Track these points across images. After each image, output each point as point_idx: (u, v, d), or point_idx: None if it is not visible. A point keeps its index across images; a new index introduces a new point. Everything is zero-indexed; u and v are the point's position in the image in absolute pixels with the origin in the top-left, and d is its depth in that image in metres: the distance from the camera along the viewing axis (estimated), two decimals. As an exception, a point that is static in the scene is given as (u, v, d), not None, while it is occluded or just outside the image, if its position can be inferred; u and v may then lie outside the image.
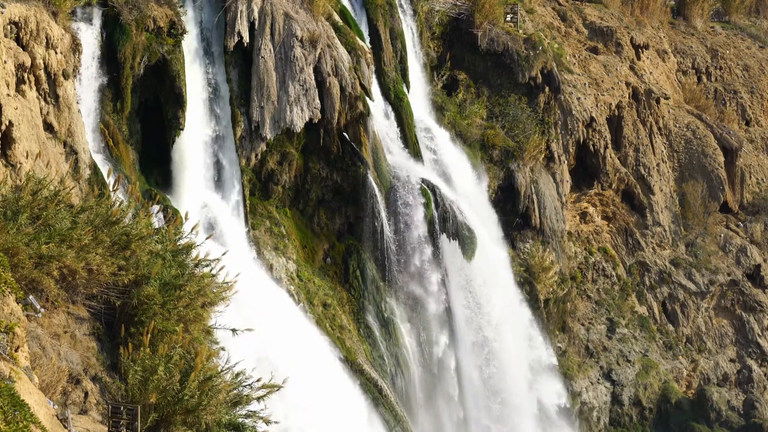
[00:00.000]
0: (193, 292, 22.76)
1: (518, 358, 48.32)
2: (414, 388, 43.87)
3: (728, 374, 58.21)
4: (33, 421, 15.51)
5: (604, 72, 58.47)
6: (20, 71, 30.70)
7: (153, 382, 19.99)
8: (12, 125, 28.71)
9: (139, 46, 36.83)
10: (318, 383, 36.15)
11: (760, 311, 59.99)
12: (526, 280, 50.22)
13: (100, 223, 22.65)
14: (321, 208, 43.55)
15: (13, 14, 30.60)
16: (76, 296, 22.34)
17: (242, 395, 21.80)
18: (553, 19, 61.06)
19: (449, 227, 44.78)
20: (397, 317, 43.82)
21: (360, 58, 43.18)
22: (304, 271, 41.95)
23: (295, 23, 41.07)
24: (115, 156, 36.39)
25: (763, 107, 69.00)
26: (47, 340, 20.92)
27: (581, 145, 55.90)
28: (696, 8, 70.55)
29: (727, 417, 55.93)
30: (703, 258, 59.59)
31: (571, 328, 53.96)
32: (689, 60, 67.71)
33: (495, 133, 50.67)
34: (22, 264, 20.57)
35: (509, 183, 50.59)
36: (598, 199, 57.56)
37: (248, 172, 40.80)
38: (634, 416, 54.37)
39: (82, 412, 20.13)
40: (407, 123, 46.36)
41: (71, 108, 32.95)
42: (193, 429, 20.36)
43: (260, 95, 40.38)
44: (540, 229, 51.49)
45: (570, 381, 52.31)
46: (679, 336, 57.86)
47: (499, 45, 51.94)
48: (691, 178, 61.31)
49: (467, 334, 46.10)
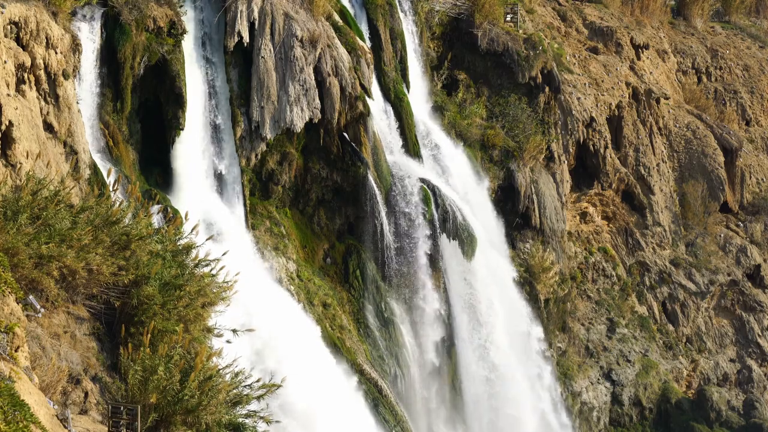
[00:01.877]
0: (193, 292, 22.75)
1: (518, 358, 48.30)
2: (414, 388, 43.87)
3: (728, 374, 58.21)
4: (33, 421, 15.51)
5: (604, 72, 58.47)
6: (20, 71, 30.71)
7: (153, 382, 19.99)
8: (12, 125, 28.72)
9: (139, 46, 36.83)
10: (318, 383, 36.16)
11: (760, 311, 59.99)
12: (526, 280, 50.21)
13: (100, 223, 22.65)
14: (321, 208, 43.55)
15: (13, 14, 30.61)
16: (76, 296, 22.34)
17: (242, 395, 21.80)
18: (553, 19, 61.06)
19: (449, 227, 44.78)
20: (397, 317, 43.82)
21: (360, 58, 43.18)
22: (304, 271, 41.95)
23: (295, 23, 41.07)
24: (115, 156, 36.39)
25: (763, 107, 69.00)
26: (47, 340, 20.92)
27: (581, 145, 55.90)
28: (696, 8, 70.56)
29: (727, 417, 55.93)
30: (703, 258, 59.59)
31: (571, 328, 53.96)
32: (689, 60, 67.72)
33: (495, 133, 50.67)
34: (22, 264, 20.57)
35: (509, 183, 50.59)
36: (598, 199, 57.56)
37: (248, 172, 40.79)
38: (634, 416, 54.37)
39: (82, 412, 20.14)
40: (407, 123, 46.36)
41: (71, 108, 32.96)
42: (193, 429, 20.36)
43: (260, 95, 40.38)
44: (540, 229, 51.49)
45: (570, 381, 52.30)
46: (679, 336, 57.87)
47: (499, 45, 51.93)
48: (691, 178, 61.31)
49: (467, 334, 46.09)
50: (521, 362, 48.47)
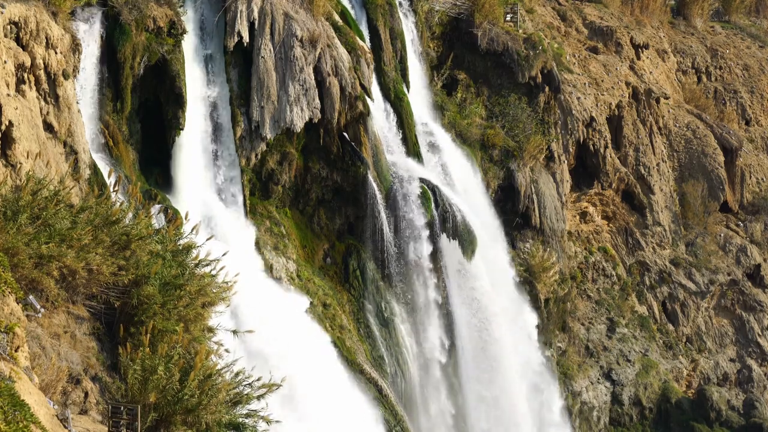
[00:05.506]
0: (193, 292, 22.76)
1: (518, 358, 48.29)
2: (414, 388, 43.87)
3: (728, 374, 58.21)
4: (33, 421, 15.51)
5: (604, 72, 58.47)
6: (20, 71, 30.71)
7: (153, 381, 19.99)
8: (12, 125, 28.72)
9: (139, 46, 36.83)
10: (317, 383, 36.16)
11: (760, 311, 59.99)
12: (526, 279, 50.21)
13: (100, 223, 22.66)
14: (321, 208, 43.55)
15: (13, 14, 30.61)
16: (76, 296, 22.34)
17: (242, 394, 21.79)
18: (553, 19, 61.05)
19: (449, 227, 44.77)
20: (397, 317, 43.82)
21: (360, 58, 43.17)
22: (304, 270, 41.94)
23: (295, 23, 41.07)
24: (115, 156, 36.39)
25: (763, 107, 69.00)
26: (47, 340, 20.92)
27: (581, 144, 55.90)
28: (696, 8, 70.56)
29: (727, 417, 55.92)
30: (703, 258, 59.59)
31: (571, 328, 53.96)
32: (689, 60, 67.72)
33: (495, 133, 50.66)
34: (22, 264, 20.58)
35: (509, 183, 50.59)
36: (598, 199, 57.56)
37: (248, 172, 40.79)
38: (634, 416, 54.37)
39: (82, 412, 20.14)
40: (407, 123, 46.35)
41: (71, 108, 32.96)
42: (193, 429, 20.36)
43: (260, 95, 40.38)
44: (540, 228, 51.48)
45: (570, 381, 52.31)
46: (679, 336, 57.87)
47: (499, 45, 51.93)
48: (691, 178, 61.31)
49: (467, 334, 46.08)
50: (522, 362, 48.48)
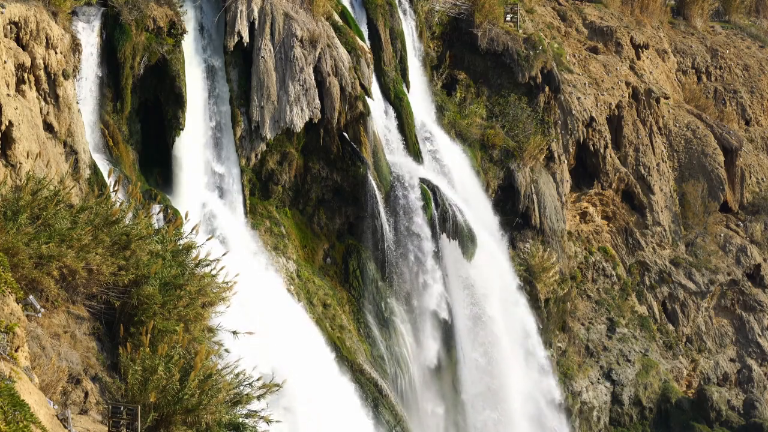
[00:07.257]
0: (193, 292, 22.74)
1: (518, 358, 48.30)
2: (414, 388, 43.86)
3: (728, 374, 58.22)
4: (33, 421, 15.50)
5: (604, 72, 58.47)
6: (20, 71, 30.71)
7: (153, 381, 19.97)
8: (12, 125, 28.72)
9: (139, 46, 36.83)
10: (318, 383, 36.16)
11: (760, 311, 59.99)
12: (526, 279, 50.21)
13: (100, 222, 22.63)
14: (321, 208, 43.54)
15: (13, 14, 30.61)
16: (76, 296, 22.33)
17: (242, 394, 21.77)
18: (553, 19, 61.06)
19: (449, 227, 44.78)
20: (397, 317, 43.81)
21: (360, 58, 43.17)
22: (304, 271, 41.95)
23: (295, 23, 41.07)
24: (115, 156, 36.39)
25: (763, 107, 69.00)
26: (47, 340, 20.91)
27: (581, 144, 55.91)
28: (696, 8, 70.58)
29: (727, 417, 55.92)
30: (703, 258, 59.60)
31: (571, 328, 53.97)
32: (689, 60, 67.72)
33: (495, 133, 50.68)
34: (22, 264, 20.56)
35: (509, 183, 50.60)
36: (598, 199, 57.56)
37: (248, 172, 40.79)
38: (634, 416, 54.37)
39: (82, 412, 20.13)
40: (407, 123, 46.36)
41: (71, 108, 32.96)
42: (193, 429, 20.34)
43: (260, 95, 40.38)
44: (540, 228, 51.49)
45: (570, 381, 52.31)
46: (679, 336, 57.87)
47: (499, 45, 51.94)
48: (691, 178, 61.32)
49: (467, 334, 46.09)
50: (522, 362, 48.48)
